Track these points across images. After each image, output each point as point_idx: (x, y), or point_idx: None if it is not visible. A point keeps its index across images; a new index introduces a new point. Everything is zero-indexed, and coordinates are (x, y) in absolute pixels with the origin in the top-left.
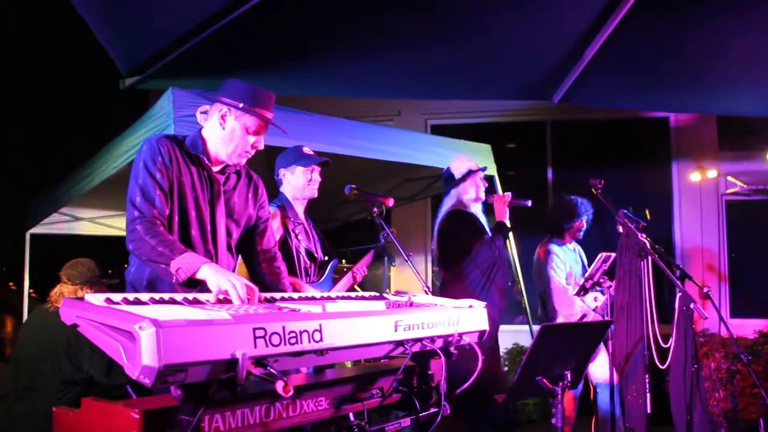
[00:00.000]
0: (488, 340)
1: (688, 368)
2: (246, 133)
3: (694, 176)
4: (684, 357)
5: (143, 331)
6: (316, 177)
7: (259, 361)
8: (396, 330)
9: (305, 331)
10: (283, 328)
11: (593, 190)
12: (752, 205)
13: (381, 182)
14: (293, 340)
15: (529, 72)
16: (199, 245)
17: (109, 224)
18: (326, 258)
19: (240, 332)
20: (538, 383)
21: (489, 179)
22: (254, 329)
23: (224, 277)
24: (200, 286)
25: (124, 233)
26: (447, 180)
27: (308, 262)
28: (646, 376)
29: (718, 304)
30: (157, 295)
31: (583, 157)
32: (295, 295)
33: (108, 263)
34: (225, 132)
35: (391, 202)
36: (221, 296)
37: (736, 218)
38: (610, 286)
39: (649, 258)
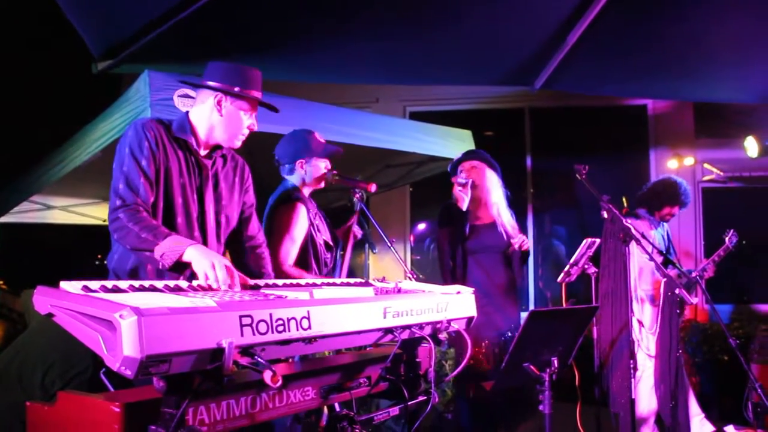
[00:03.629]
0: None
1: (673, 354)
2: (242, 117)
3: (672, 163)
4: (669, 343)
5: (124, 320)
6: (328, 165)
7: (246, 350)
8: (385, 317)
9: (293, 318)
10: (270, 315)
11: (577, 175)
12: (728, 193)
13: (360, 168)
14: (281, 328)
15: (510, 57)
16: (184, 233)
17: (83, 212)
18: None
19: (226, 320)
20: (526, 370)
21: None
22: (240, 317)
23: (207, 258)
24: (189, 271)
25: (98, 222)
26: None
27: (327, 254)
28: (631, 361)
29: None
30: (137, 282)
31: (562, 144)
32: (280, 282)
33: (81, 252)
34: (224, 118)
35: (373, 188)
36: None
37: (712, 205)
38: (596, 272)
39: (633, 243)
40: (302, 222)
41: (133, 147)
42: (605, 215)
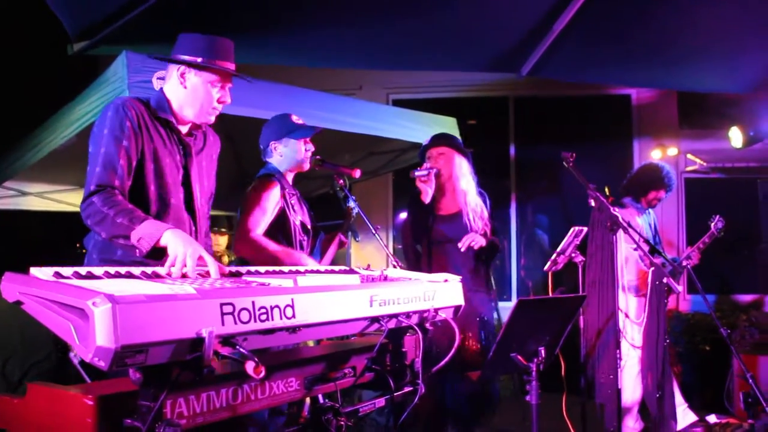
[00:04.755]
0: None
1: (660, 344)
2: (210, 89)
3: (655, 153)
4: (656, 333)
5: (97, 307)
6: (310, 147)
7: (227, 339)
8: (371, 305)
9: (276, 306)
10: (253, 303)
11: (564, 163)
12: (710, 183)
13: (343, 156)
14: (263, 317)
15: (497, 43)
16: (181, 213)
17: (59, 199)
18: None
19: (206, 308)
20: (513, 360)
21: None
22: (221, 305)
23: (181, 244)
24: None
25: (76, 209)
26: None
27: (303, 236)
28: (617, 351)
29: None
30: (112, 269)
31: (546, 133)
32: (262, 269)
33: (58, 241)
34: (188, 91)
35: (357, 173)
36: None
37: (695, 195)
38: (583, 261)
39: (621, 232)
40: (274, 196)
41: (114, 127)
42: (592, 204)
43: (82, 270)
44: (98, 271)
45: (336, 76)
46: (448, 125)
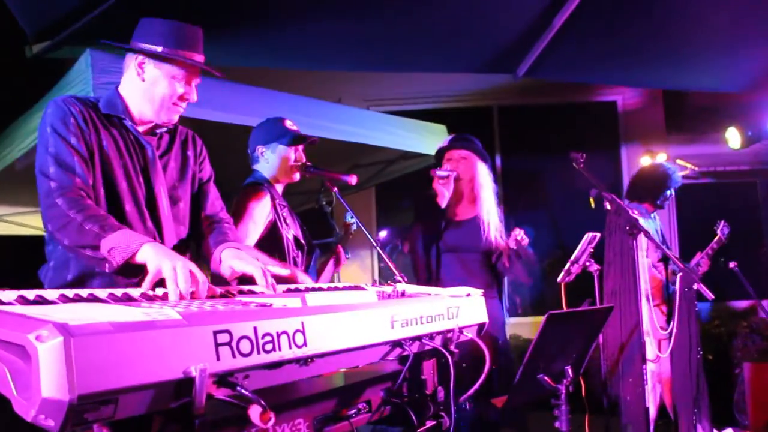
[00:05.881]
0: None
1: (693, 355)
2: (172, 84)
3: (644, 160)
4: (688, 343)
5: (43, 342)
6: (301, 157)
7: (224, 378)
8: (393, 327)
9: (284, 332)
10: (255, 330)
11: (574, 164)
12: (701, 188)
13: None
14: (269, 347)
15: (492, 44)
16: (137, 223)
17: (20, 222)
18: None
19: (195, 338)
20: (540, 382)
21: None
22: (215, 333)
23: (166, 260)
24: (141, 276)
25: (38, 232)
26: None
27: (297, 251)
28: (644, 366)
29: None
30: (71, 292)
31: (532, 142)
32: (257, 288)
33: (18, 269)
34: (146, 84)
35: (354, 180)
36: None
37: (685, 201)
38: (598, 269)
39: (641, 236)
40: (264, 206)
41: (56, 124)
42: (608, 207)
43: (30, 294)
44: (52, 294)
45: (314, 87)
46: (439, 133)
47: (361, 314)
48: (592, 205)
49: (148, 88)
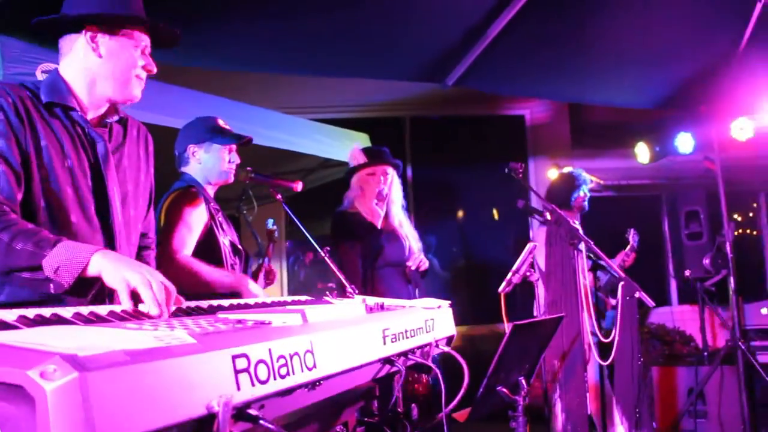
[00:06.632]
0: None
1: (635, 362)
2: (133, 53)
3: (551, 173)
4: (630, 350)
5: (51, 381)
6: (235, 158)
7: (242, 412)
8: (384, 343)
9: (296, 354)
10: (270, 352)
11: (513, 174)
12: (604, 201)
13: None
14: (283, 371)
15: (424, 51)
16: (87, 236)
17: None
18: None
19: (214, 365)
20: (500, 394)
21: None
22: (234, 358)
23: (132, 270)
24: (96, 292)
25: None
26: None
27: (234, 258)
28: (585, 374)
29: None
30: (30, 312)
31: (443, 154)
32: (233, 301)
33: None
34: (105, 60)
35: (299, 186)
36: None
37: (589, 214)
38: (538, 279)
39: (583, 246)
40: (200, 211)
41: None
42: (549, 217)
43: None
44: (10, 315)
45: (223, 88)
46: (362, 142)
47: (358, 330)
48: (495, 216)
49: (108, 61)
